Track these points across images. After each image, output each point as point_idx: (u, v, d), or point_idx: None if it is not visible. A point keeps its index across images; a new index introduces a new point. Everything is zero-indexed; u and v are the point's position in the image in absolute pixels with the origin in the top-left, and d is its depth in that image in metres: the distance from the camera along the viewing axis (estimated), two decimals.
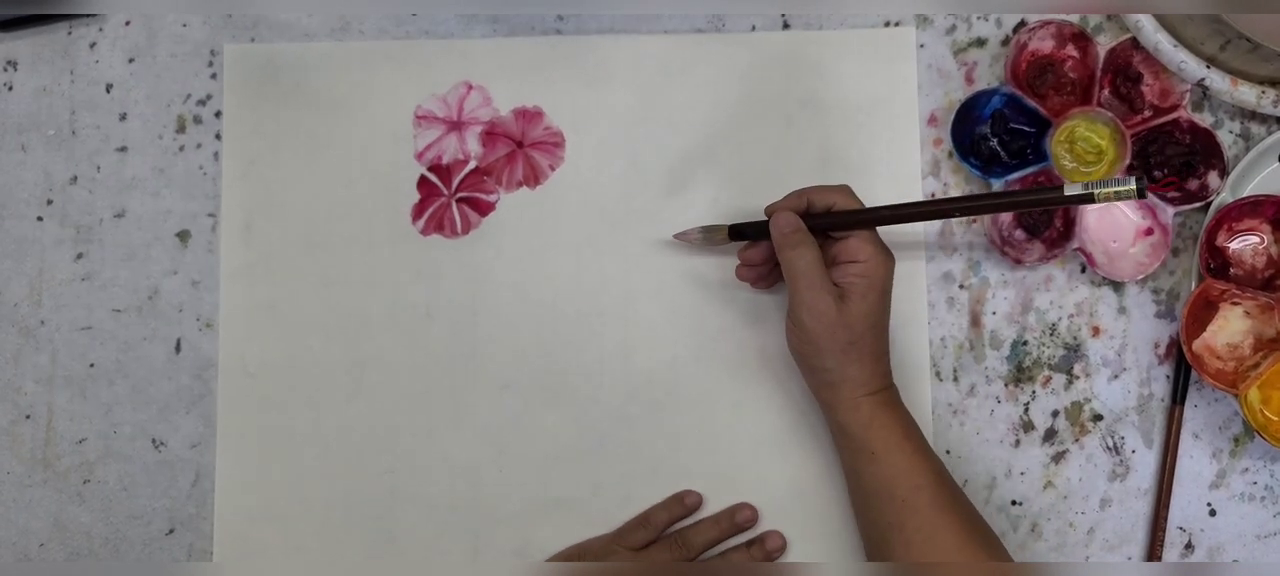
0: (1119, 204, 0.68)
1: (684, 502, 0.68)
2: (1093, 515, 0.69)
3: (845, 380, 0.62)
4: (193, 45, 0.72)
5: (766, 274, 0.67)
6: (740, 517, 0.68)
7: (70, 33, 0.72)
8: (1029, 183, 0.68)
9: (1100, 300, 0.70)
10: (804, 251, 0.61)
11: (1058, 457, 0.69)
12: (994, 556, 0.60)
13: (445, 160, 0.71)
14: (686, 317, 0.70)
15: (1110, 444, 0.69)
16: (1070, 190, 0.58)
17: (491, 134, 0.71)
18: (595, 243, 0.70)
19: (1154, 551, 0.68)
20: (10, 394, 0.70)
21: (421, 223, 0.71)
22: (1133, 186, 0.57)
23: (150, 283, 0.71)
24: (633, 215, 0.70)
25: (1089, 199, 0.58)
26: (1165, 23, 0.67)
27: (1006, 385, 0.69)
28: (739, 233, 0.67)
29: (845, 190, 0.63)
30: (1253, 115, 0.69)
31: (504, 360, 0.70)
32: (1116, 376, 0.69)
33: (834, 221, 0.63)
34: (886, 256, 0.62)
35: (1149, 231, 0.68)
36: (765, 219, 0.64)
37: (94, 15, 0.72)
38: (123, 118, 0.71)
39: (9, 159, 0.71)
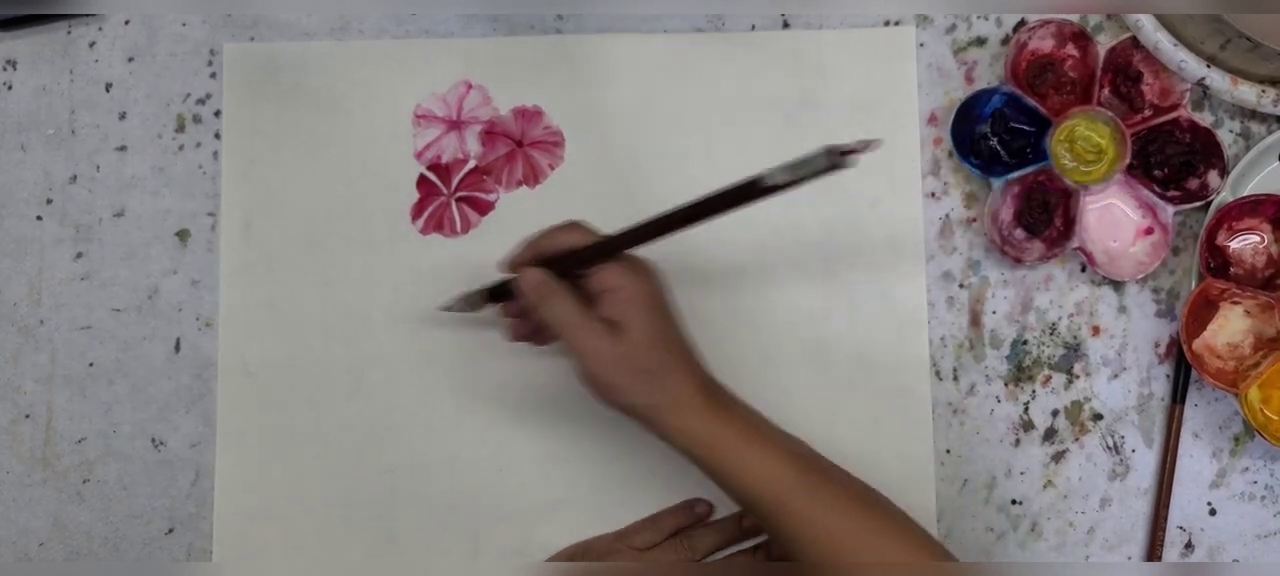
0: (1118, 203, 0.68)
1: (694, 510, 0.68)
2: (1093, 514, 0.69)
3: (660, 406, 0.58)
4: (192, 44, 0.72)
5: (540, 327, 0.61)
6: (748, 522, 0.67)
7: (70, 32, 0.72)
8: (1029, 182, 0.68)
9: (1100, 299, 0.70)
10: (557, 301, 0.58)
11: (1058, 457, 0.69)
12: (892, 518, 0.58)
13: (445, 159, 0.71)
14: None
15: (1110, 443, 0.69)
16: (771, 181, 0.53)
17: (491, 133, 0.71)
18: None
19: (1154, 551, 0.68)
20: (10, 393, 0.70)
21: (421, 222, 0.70)
22: (821, 162, 0.52)
23: (150, 282, 0.71)
24: (632, 215, 0.70)
25: (789, 185, 0.53)
26: (1165, 22, 0.67)
27: (1006, 384, 0.69)
28: (495, 295, 0.64)
29: (576, 226, 0.60)
30: (1253, 114, 0.69)
31: (504, 359, 0.70)
32: (1116, 376, 0.69)
33: (576, 260, 0.59)
34: (642, 272, 0.59)
35: (1149, 230, 0.68)
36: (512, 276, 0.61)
37: (94, 15, 0.72)
38: (122, 117, 0.71)
39: (8, 158, 0.71)
